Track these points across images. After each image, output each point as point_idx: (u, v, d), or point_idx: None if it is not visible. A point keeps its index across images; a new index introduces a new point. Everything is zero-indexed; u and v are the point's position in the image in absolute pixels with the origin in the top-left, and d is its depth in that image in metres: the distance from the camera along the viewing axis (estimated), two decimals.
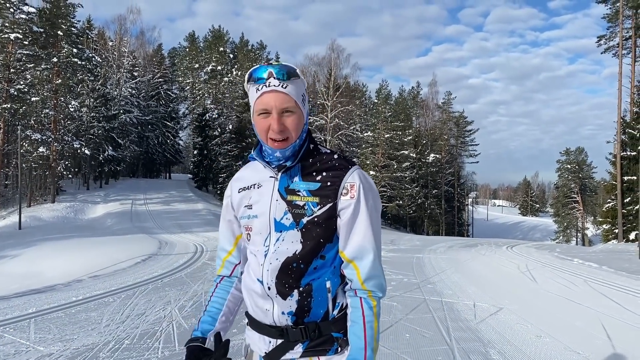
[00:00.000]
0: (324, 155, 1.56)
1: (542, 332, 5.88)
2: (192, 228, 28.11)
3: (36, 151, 35.02)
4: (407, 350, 5.03)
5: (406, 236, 34.36)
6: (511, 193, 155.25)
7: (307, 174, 1.51)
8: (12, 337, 5.55)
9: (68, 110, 39.51)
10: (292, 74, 1.44)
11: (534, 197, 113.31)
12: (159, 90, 59.04)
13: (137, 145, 54.16)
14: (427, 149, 58.29)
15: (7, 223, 30.44)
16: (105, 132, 45.19)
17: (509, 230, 73.58)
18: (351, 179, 1.49)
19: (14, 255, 18.27)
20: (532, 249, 18.61)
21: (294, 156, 1.51)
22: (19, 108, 34.11)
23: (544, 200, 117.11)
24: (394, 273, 11.21)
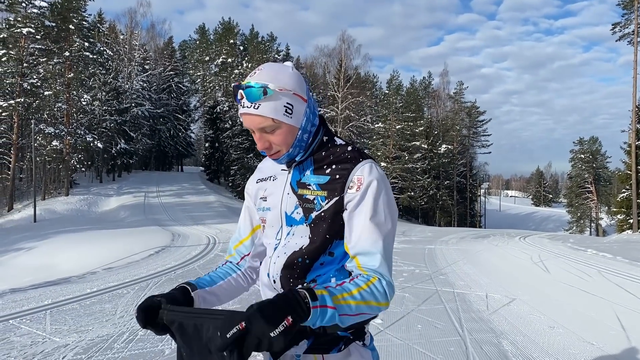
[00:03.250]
0: (337, 147, 1.48)
1: (555, 323, 5.85)
2: (205, 220, 28.27)
3: (50, 145, 35.36)
4: (419, 342, 5.03)
5: (418, 227, 34.30)
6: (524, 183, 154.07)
7: (319, 167, 1.47)
8: (28, 329, 5.64)
9: (80, 104, 39.81)
10: (264, 92, 1.34)
11: (547, 187, 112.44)
12: (170, 83, 59.23)
13: (149, 139, 54.47)
14: (438, 139, 57.97)
15: (22, 216, 30.84)
16: (117, 126, 45.48)
17: (521, 221, 73.11)
18: (359, 172, 1.40)
19: (30, 248, 18.52)
20: (545, 240, 18.48)
21: (304, 151, 1.47)
22: (33, 102, 34.43)
23: (557, 191, 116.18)
24: (405, 264, 11.20)
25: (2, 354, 4.66)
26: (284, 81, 1.37)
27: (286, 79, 1.38)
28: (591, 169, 58.24)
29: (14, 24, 33.49)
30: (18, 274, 13.96)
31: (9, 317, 6.27)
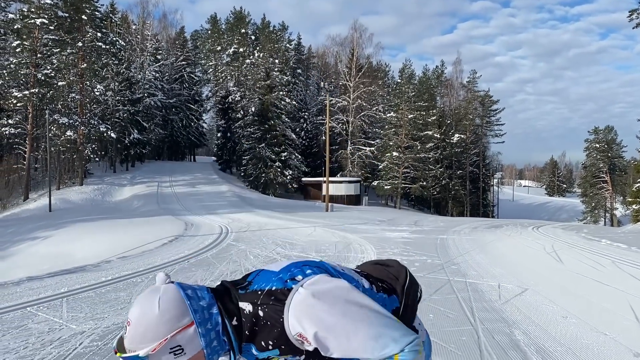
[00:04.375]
0: (252, 320, 1.29)
1: (568, 313, 5.83)
2: (217, 210, 28.43)
3: (64, 135, 35.72)
4: (431, 331, 5.03)
5: (430, 217, 34.20)
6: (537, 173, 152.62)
7: (260, 347, 1.32)
8: (45, 316, 5.74)
9: (94, 94, 40.11)
10: None
11: (561, 177, 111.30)
12: (182, 73, 59.37)
13: (161, 129, 54.78)
14: (451, 129, 57.56)
15: (37, 205, 31.25)
16: (130, 116, 45.78)
17: (535, 211, 72.55)
18: (293, 330, 1.24)
19: (45, 237, 18.79)
20: (558, 230, 18.35)
21: (229, 349, 1.30)
22: (47, 93, 34.75)
23: (571, 181, 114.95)
24: (417, 254, 11.20)
25: (21, 340, 4.76)
26: (153, 336, 1.20)
27: (155, 332, 1.20)
28: (606, 158, 57.53)
29: (27, 14, 33.73)
30: (35, 262, 14.19)
31: (27, 304, 6.38)
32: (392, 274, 1.55)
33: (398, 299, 1.48)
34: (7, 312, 5.96)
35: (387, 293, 1.47)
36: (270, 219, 23.05)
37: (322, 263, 1.39)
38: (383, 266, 1.60)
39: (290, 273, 1.29)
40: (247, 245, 13.18)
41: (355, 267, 1.57)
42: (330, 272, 1.36)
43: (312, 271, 1.31)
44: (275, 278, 1.29)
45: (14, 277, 9.36)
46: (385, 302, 1.44)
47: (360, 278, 1.44)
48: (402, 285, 1.51)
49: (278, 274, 1.30)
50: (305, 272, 1.29)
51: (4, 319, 5.60)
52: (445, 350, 4.43)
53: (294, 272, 1.30)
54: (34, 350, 4.45)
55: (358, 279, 1.43)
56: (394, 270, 1.57)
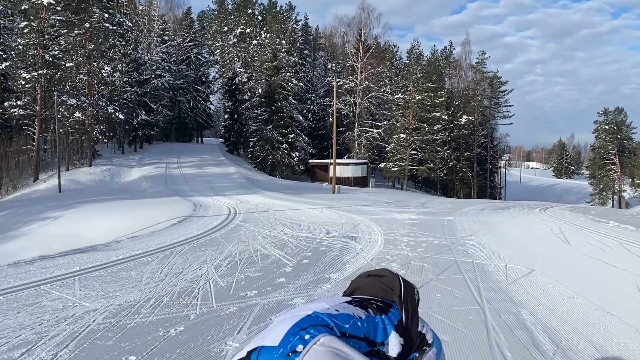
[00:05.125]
0: None
1: (574, 293, 5.87)
2: (225, 191, 28.55)
3: (72, 116, 35.84)
4: (438, 310, 5.11)
5: (437, 199, 34.19)
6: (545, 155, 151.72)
7: None
8: (59, 294, 5.85)
9: (101, 76, 40.14)
10: None
11: (569, 159, 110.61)
12: (189, 54, 59.15)
13: (169, 110, 54.80)
14: (459, 110, 57.19)
15: (47, 186, 31.52)
16: (138, 97, 45.80)
17: (542, 193, 72.31)
18: None
19: (56, 217, 18.98)
20: (566, 212, 18.31)
21: None
22: (54, 74, 34.79)
23: (579, 162, 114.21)
24: (424, 235, 11.24)
25: (36, 317, 4.86)
26: None
27: None
28: (615, 140, 57.05)
29: None
30: (46, 242, 14.37)
31: (40, 282, 6.50)
32: (386, 285, 1.54)
33: (398, 310, 1.48)
34: (21, 289, 6.08)
35: (384, 312, 1.46)
36: (277, 201, 23.14)
37: (317, 317, 1.34)
38: (376, 277, 1.59)
39: (291, 345, 1.24)
40: (255, 226, 13.28)
41: (350, 284, 1.55)
42: (327, 323, 1.32)
43: (311, 335, 1.26)
44: (277, 355, 1.23)
45: (26, 256, 9.51)
46: (386, 322, 1.43)
47: (355, 310, 1.41)
48: (398, 295, 1.51)
49: (279, 349, 1.24)
50: (305, 339, 1.25)
51: (19, 297, 5.71)
52: (452, 329, 4.49)
53: (293, 342, 1.26)
54: (49, 327, 4.56)
55: (353, 313, 1.41)
56: (388, 280, 1.55)
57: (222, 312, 5.00)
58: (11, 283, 6.50)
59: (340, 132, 47.67)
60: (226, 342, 4.16)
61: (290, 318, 1.31)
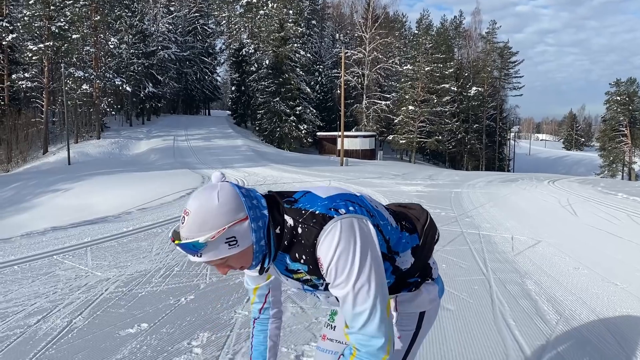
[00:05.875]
0: (292, 232, 1.38)
1: (580, 264, 5.91)
2: (233, 164, 28.66)
3: (80, 88, 35.85)
4: (443, 280, 5.16)
5: (445, 171, 34.15)
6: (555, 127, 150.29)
7: (294, 258, 1.41)
8: (72, 264, 5.97)
9: (108, 47, 39.95)
10: (199, 247, 1.28)
11: (579, 130, 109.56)
12: (196, 25, 58.60)
13: (176, 82, 54.62)
14: (468, 82, 56.58)
15: (57, 159, 31.78)
16: (144, 69, 45.64)
17: (551, 165, 71.94)
18: (319, 253, 1.34)
19: (66, 189, 19.20)
20: (574, 184, 18.26)
21: (269, 252, 1.40)
22: (61, 46, 34.69)
23: (589, 134, 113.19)
24: (431, 207, 11.28)
25: (50, 286, 4.99)
26: (212, 224, 1.27)
27: (214, 221, 1.27)
28: (627, 111, 56.32)
29: None
30: (57, 213, 14.58)
31: (53, 252, 6.63)
32: (414, 216, 1.65)
33: (418, 237, 1.57)
34: (35, 259, 6.21)
35: (410, 232, 1.58)
36: (285, 173, 23.23)
37: (363, 199, 1.47)
38: (407, 208, 1.71)
39: (335, 204, 1.37)
40: None
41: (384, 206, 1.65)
42: (369, 209, 1.45)
43: (354, 209, 1.38)
44: (320, 204, 1.37)
45: (38, 227, 9.66)
46: (407, 240, 1.55)
47: (389, 216, 1.55)
48: (422, 225, 1.62)
49: (324, 200, 1.38)
50: (348, 208, 1.37)
51: (33, 266, 5.85)
52: (457, 299, 4.56)
53: (338, 204, 1.38)
54: (63, 295, 4.67)
55: (388, 217, 1.53)
56: (417, 213, 1.69)
57: (232, 281, 5.09)
58: (25, 253, 6.64)
59: (348, 104, 47.39)
60: (235, 310, 4.26)
61: (342, 190, 1.47)
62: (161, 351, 3.41)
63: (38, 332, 3.77)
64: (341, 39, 57.64)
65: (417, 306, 1.59)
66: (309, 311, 4.18)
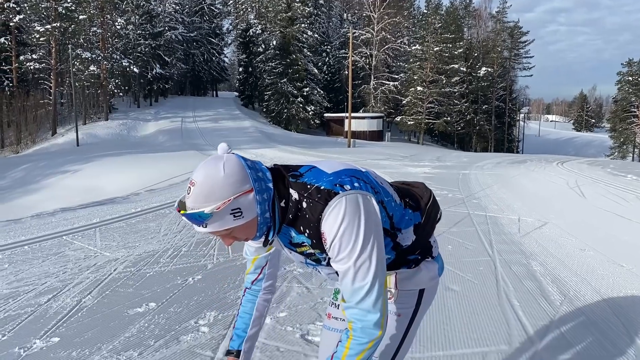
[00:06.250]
0: (297, 206, 1.39)
1: (586, 245, 5.90)
2: (241, 145, 28.69)
3: (87, 70, 35.85)
4: (449, 261, 5.19)
5: (453, 153, 34.01)
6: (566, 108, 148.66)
7: (299, 230, 1.43)
8: (81, 244, 6.05)
9: (115, 28, 39.84)
10: (204, 217, 1.29)
11: (589, 111, 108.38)
12: (202, 5, 58.18)
13: (183, 63, 54.44)
14: (478, 62, 55.92)
15: (66, 140, 31.94)
16: (152, 50, 45.50)
17: (561, 146, 71.38)
18: (323, 228, 1.35)
19: (75, 171, 19.34)
20: (583, 165, 18.14)
21: (273, 224, 1.42)
22: (68, 27, 34.61)
23: (600, 115, 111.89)
24: (438, 189, 11.27)
25: (60, 266, 5.06)
26: (218, 196, 1.29)
27: (220, 192, 1.29)
28: (639, 92, 55.56)
29: None
30: (66, 194, 14.72)
31: (63, 233, 6.72)
32: (418, 194, 1.67)
33: (421, 215, 1.59)
34: (45, 240, 6.30)
35: (413, 209, 1.60)
36: (293, 155, 23.24)
37: (368, 175, 1.48)
38: (411, 186, 1.72)
39: (341, 180, 1.38)
40: None
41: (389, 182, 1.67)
42: (374, 185, 1.46)
43: (360, 185, 1.39)
44: (326, 179, 1.38)
45: (48, 208, 9.77)
46: (410, 217, 1.57)
47: (394, 193, 1.57)
48: (425, 203, 1.64)
49: (329, 176, 1.39)
50: (354, 184, 1.38)
51: (43, 247, 5.93)
52: (462, 279, 4.58)
53: (344, 179, 1.39)
54: (73, 275, 4.75)
55: (392, 194, 1.55)
56: (420, 191, 1.70)
57: (239, 261, 5.15)
58: (35, 234, 6.73)
59: (356, 85, 47.08)
60: None
61: (348, 165, 1.48)
62: (169, 330, 3.47)
63: (48, 310, 3.84)
64: (349, 18, 57.01)
65: (417, 284, 1.60)
66: (315, 291, 4.22)
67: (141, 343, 3.25)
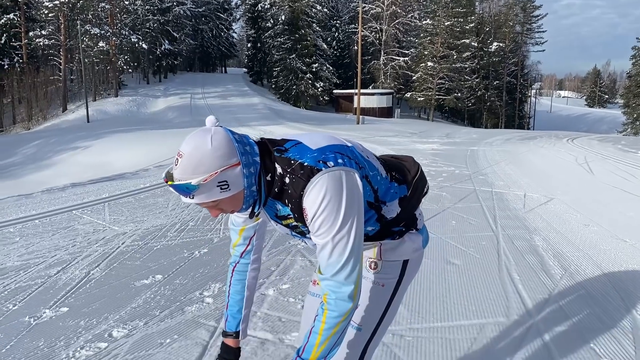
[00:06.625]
0: (281, 181, 1.42)
1: (591, 221, 5.91)
2: (250, 122, 28.70)
3: (96, 46, 35.82)
4: (452, 236, 5.24)
5: (463, 129, 33.79)
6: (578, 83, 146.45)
7: (284, 202, 1.46)
8: (90, 218, 6.15)
9: (123, 4, 39.59)
10: (191, 189, 1.31)
11: (603, 87, 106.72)
12: None
13: (192, 39, 54.16)
14: (489, 37, 55.06)
15: (76, 116, 32.12)
16: (160, 26, 45.28)
17: (573, 123, 70.60)
18: (304, 204, 1.38)
19: (85, 147, 19.50)
20: (594, 141, 17.99)
21: (259, 197, 1.45)
22: (77, 2, 34.48)
23: (613, 91, 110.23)
24: (445, 165, 11.26)
25: (69, 239, 5.17)
26: (205, 168, 1.30)
27: (207, 165, 1.30)
28: None
29: None
30: (76, 170, 14.88)
31: (72, 207, 6.83)
32: (406, 167, 1.69)
33: (407, 188, 1.62)
34: (55, 214, 6.41)
35: (399, 183, 1.62)
36: (301, 132, 23.19)
37: (353, 150, 1.50)
38: (399, 160, 1.74)
39: (324, 156, 1.41)
40: None
41: (376, 156, 1.69)
42: (359, 160, 1.48)
43: (343, 161, 1.42)
44: (309, 155, 1.41)
45: (58, 183, 9.91)
46: (396, 190, 1.60)
47: (380, 166, 1.59)
48: (412, 177, 1.66)
49: (314, 152, 1.42)
50: (337, 161, 1.41)
51: (53, 220, 6.04)
52: (464, 254, 4.63)
53: (327, 156, 1.41)
54: (82, 248, 4.85)
55: (378, 167, 1.57)
56: (408, 165, 1.72)
57: None
58: (45, 208, 6.85)
59: (366, 60, 46.65)
60: None
61: (332, 139, 1.50)
62: (174, 300, 3.56)
63: (58, 282, 3.94)
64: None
65: (401, 255, 1.64)
66: None
67: (147, 313, 3.34)
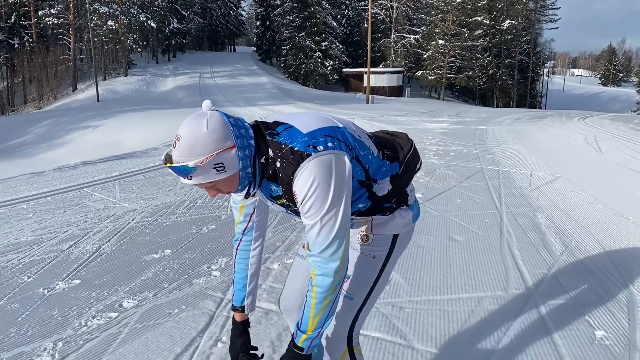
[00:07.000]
0: (274, 165, 1.48)
1: (595, 199, 5.94)
2: (258, 101, 28.70)
3: (105, 25, 35.81)
4: (456, 213, 5.30)
5: (474, 108, 33.54)
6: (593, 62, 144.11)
7: (277, 183, 1.52)
8: (101, 195, 6.28)
9: None
10: (189, 170, 1.37)
11: (617, 65, 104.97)
12: None
13: (200, 17, 53.89)
14: (502, 14, 54.20)
15: (86, 96, 32.28)
16: (169, 4, 45.08)
17: (586, 102, 69.73)
18: (294, 188, 1.45)
19: (96, 126, 19.66)
20: (605, 121, 17.83)
21: (254, 178, 1.51)
22: None
23: (628, 69, 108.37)
24: (453, 144, 11.26)
25: (81, 215, 5.30)
26: (202, 150, 1.36)
27: (203, 147, 1.36)
28: None
29: None
30: (88, 149, 15.05)
31: (83, 185, 6.97)
32: (399, 144, 1.74)
33: (399, 165, 1.67)
34: (67, 191, 6.55)
35: (390, 160, 1.67)
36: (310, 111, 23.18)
37: (344, 132, 1.56)
38: (393, 137, 1.79)
39: (315, 141, 1.46)
40: None
41: (369, 133, 1.74)
42: (349, 142, 1.53)
43: (333, 145, 1.47)
44: (300, 139, 1.47)
45: (69, 162, 10.06)
46: (387, 168, 1.66)
47: (371, 145, 1.64)
48: (405, 154, 1.71)
49: (304, 136, 1.47)
50: (327, 145, 1.46)
51: (65, 198, 6.18)
52: (466, 230, 4.69)
53: (318, 140, 1.47)
54: (93, 224, 4.98)
55: (369, 147, 1.63)
56: (401, 141, 1.76)
57: None
58: (57, 185, 6.99)
59: (376, 38, 46.23)
60: None
61: (323, 121, 1.56)
62: (182, 274, 3.67)
63: (70, 256, 4.07)
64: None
65: (391, 229, 1.71)
66: None
67: (156, 285, 3.46)
